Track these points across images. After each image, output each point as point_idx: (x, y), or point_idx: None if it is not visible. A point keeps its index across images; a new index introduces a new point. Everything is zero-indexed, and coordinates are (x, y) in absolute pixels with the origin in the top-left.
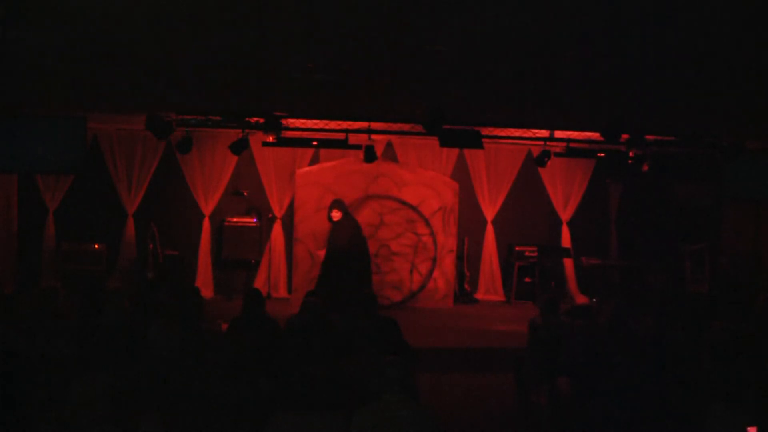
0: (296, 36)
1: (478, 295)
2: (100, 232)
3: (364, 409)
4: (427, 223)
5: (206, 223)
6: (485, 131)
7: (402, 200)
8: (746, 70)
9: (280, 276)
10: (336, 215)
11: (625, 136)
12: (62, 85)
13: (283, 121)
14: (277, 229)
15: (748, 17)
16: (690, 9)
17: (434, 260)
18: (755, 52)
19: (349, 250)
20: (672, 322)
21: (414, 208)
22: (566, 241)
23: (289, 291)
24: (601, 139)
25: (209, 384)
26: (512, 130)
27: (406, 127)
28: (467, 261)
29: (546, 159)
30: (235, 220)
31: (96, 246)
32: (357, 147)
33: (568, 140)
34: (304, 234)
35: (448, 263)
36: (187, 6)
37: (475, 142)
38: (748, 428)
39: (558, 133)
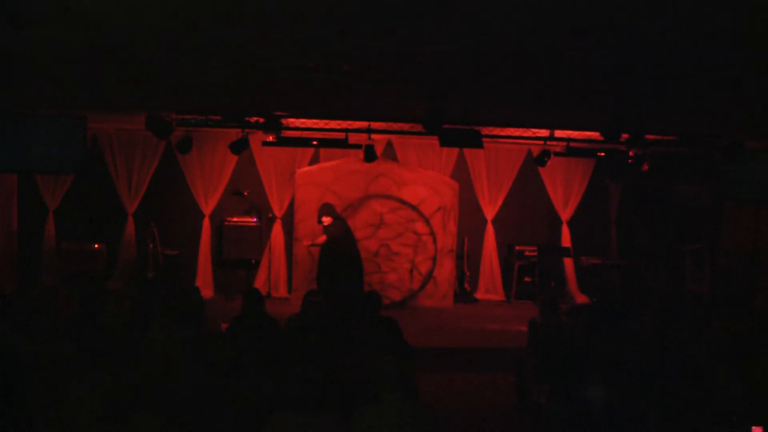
0: (296, 36)
1: (478, 295)
2: (100, 232)
3: (364, 409)
4: (427, 222)
5: (206, 223)
6: (485, 131)
7: (402, 200)
8: (746, 70)
9: (280, 276)
10: (326, 220)
11: (625, 136)
12: (62, 85)
13: (283, 121)
14: (277, 229)
15: (748, 16)
16: (690, 8)
17: (434, 260)
18: (755, 52)
19: (342, 255)
20: (672, 322)
21: (414, 208)
22: (566, 240)
23: (289, 291)
24: (601, 138)
25: (209, 384)
26: (512, 129)
27: (406, 126)
28: (467, 260)
29: (546, 158)
30: (235, 219)
31: (96, 246)
32: (357, 147)
33: (568, 140)
34: (304, 234)
35: (448, 263)
36: (187, 6)
37: (475, 141)
38: (753, 428)
39: (558, 133)
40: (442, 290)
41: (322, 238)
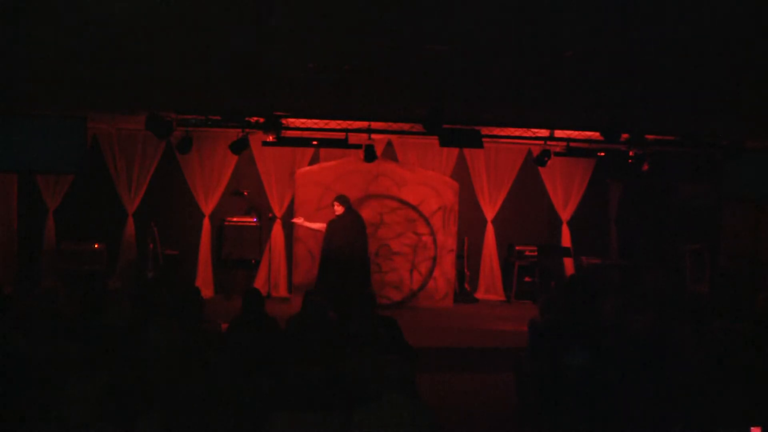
0: (296, 36)
1: (478, 295)
2: (100, 232)
3: (364, 409)
4: (427, 222)
5: (206, 223)
6: (485, 131)
7: (402, 200)
8: (746, 70)
9: (280, 276)
10: (338, 209)
11: (625, 136)
12: (62, 85)
13: (283, 121)
14: (277, 229)
15: (748, 16)
16: (690, 8)
17: (434, 260)
18: (755, 51)
19: (347, 247)
20: (672, 321)
21: (414, 208)
22: (566, 240)
23: (289, 291)
24: (601, 138)
25: (209, 383)
26: (512, 129)
27: (406, 126)
28: (467, 260)
29: (546, 158)
30: (235, 219)
31: (96, 246)
32: (357, 146)
33: (568, 140)
34: (304, 233)
35: (448, 263)
36: (187, 6)
37: (475, 141)
38: (752, 428)
39: (558, 133)
40: (442, 290)
41: (317, 225)
